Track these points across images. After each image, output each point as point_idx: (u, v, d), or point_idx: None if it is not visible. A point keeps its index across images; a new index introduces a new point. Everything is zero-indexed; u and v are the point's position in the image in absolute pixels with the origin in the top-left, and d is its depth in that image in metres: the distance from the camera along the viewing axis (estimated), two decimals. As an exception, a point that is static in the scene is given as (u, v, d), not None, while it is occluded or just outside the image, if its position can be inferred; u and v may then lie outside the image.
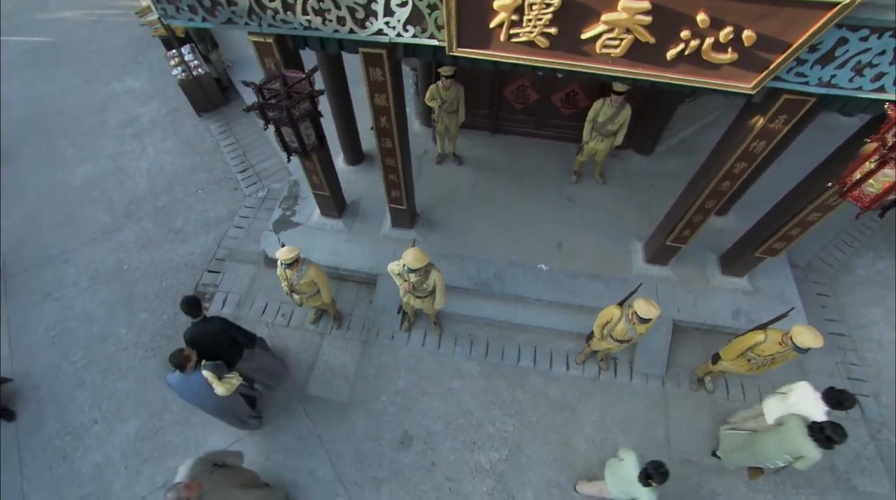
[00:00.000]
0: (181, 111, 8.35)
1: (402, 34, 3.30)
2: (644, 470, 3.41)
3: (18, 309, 6.11)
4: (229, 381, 4.13)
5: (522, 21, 2.86)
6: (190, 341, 4.29)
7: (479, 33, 3.07)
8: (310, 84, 3.29)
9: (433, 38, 3.26)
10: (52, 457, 5.09)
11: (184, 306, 4.17)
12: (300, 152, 3.56)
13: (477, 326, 5.75)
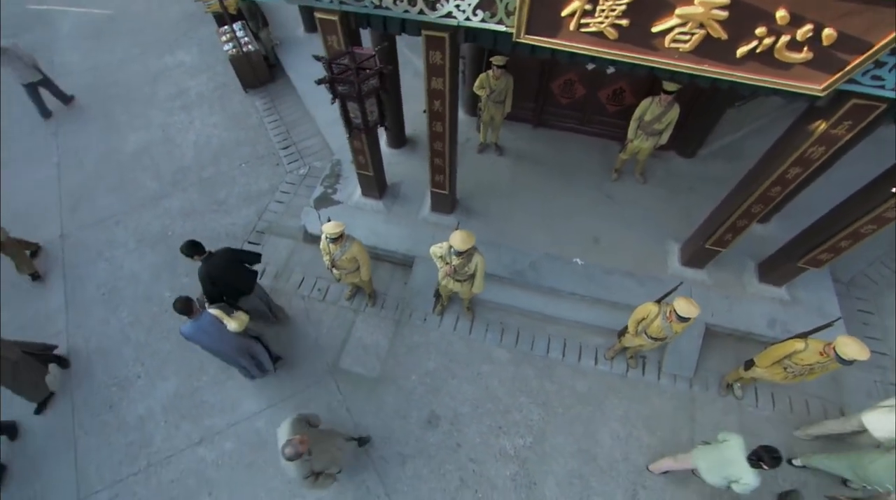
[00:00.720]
0: (228, 87, 8.56)
1: (470, 18, 3.36)
2: (755, 452, 3.45)
3: (73, 266, 6.41)
4: (238, 317, 4.40)
5: (595, 11, 2.89)
6: (206, 276, 4.56)
7: (549, 21, 3.11)
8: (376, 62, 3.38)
9: (501, 23, 3.31)
10: (100, 405, 5.37)
11: (186, 250, 4.49)
12: (362, 128, 3.66)
13: (509, 314, 5.82)
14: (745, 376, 4.79)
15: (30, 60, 7.40)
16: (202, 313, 4.30)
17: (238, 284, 4.88)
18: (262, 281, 6.08)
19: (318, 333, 5.68)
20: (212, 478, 4.92)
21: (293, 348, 5.60)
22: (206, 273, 4.58)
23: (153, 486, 4.92)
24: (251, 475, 4.92)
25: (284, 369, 5.46)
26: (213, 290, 4.69)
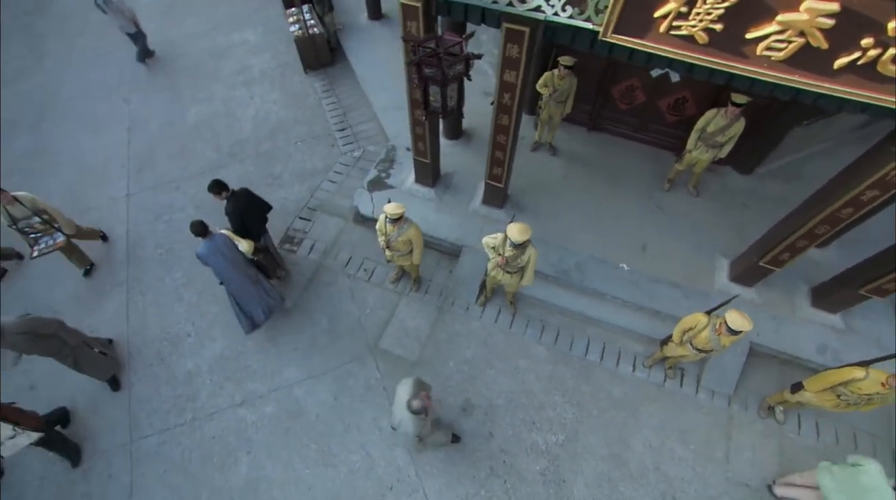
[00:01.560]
0: (289, 66, 8.81)
1: (559, 14, 3.41)
2: None
3: (136, 223, 6.74)
4: (249, 241, 4.94)
5: (690, 13, 2.90)
6: (235, 211, 5.11)
7: (639, 21, 3.13)
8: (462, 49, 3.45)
9: (588, 21, 3.35)
10: (152, 356, 5.63)
11: (212, 187, 4.98)
12: (440, 112, 3.75)
13: (550, 312, 5.84)
14: (791, 399, 4.70)
15: (129, 14, 8.21)
16: (215, 234, 4.80)
17: (258, 221, 5.44)
18: (310, 256, 6.29)
19: (362, 312, 5.82)
20: (251, 439, 5.11)
21: (338, 324, 5.74)
22: (233, 209, 5.10)
23: (196, 438, 5.14)
24: (288, 440, 5.09)
25: (326, 340, 5.61)
26: (243, 225, 5.20)
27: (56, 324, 4.65)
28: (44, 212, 5.36)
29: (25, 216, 5.27)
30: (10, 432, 4.04)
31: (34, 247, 5.53)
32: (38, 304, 6.06)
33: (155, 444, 5.15)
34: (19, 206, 5.15)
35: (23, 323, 4.33)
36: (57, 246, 5.59)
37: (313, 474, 4.89)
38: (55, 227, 5.51)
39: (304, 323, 5.77)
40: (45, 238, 5.56)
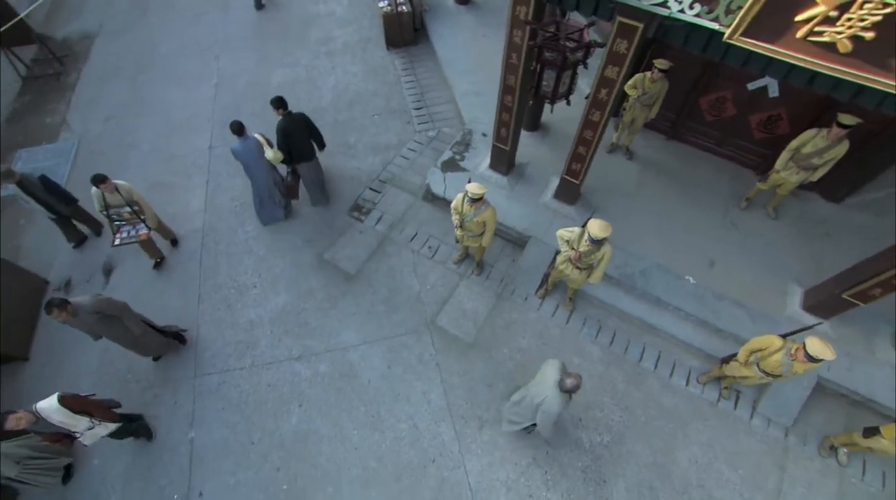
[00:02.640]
0: (372, 41, 8.96)
1: (684, 11, 3.35)
2: None
3: (216, 174, 7.06)
4: (276, 152, 5.63)
5: (839, 19, 2.80)
6: (283, 129, 5.54)
7: (774, 25, 3.04)
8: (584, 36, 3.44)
9: (715, 21, 3.27)
10: (219, 301, 5.91)
11: (274, 102, 5.44)
12: (550, 97, 3.76)
13: (608, 314, 5.79)
14: (861, 443, 4.50)
15: None
16: (250, 136, 5.60)
17: (304, 148, 5.93)
18: (377, 227, 6.42)
19: (422, 287, 5.91)
20: (304, 392, 5.30)
21: (398, 296, 5.87)
22: (283, 127, 5.57)
23: (253, 384, 5.37)
24: (339, 399, 5.25)
25: (384, 309, 5.74)
26: (285, 143, 5.69)
27: (121, 306, 4.71)
28: (135, 203, 5.48)
29: (119, 204, 5.39)
30: (88, 423, 4.19)
31: (116, 235, 5.65)
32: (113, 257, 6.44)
33: (216, 382, 5.41)
34: (117, 194, 5.27)
35: (95, 302, 4.42)
36: (139, 238, 5.69)
37: (360, 435, 5.03)
38: (141, 218, 5.59)
39: (364, 290, 5.92)
40: (127, 227, 5.68)
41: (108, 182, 5.11)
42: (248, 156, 5.71)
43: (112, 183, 5.16)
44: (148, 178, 7.24)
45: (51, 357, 5.69)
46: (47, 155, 7.69)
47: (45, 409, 3.89)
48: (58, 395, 3.97)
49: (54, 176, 7.22)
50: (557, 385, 3.80)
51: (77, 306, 4.24)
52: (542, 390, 3.94)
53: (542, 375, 4.05)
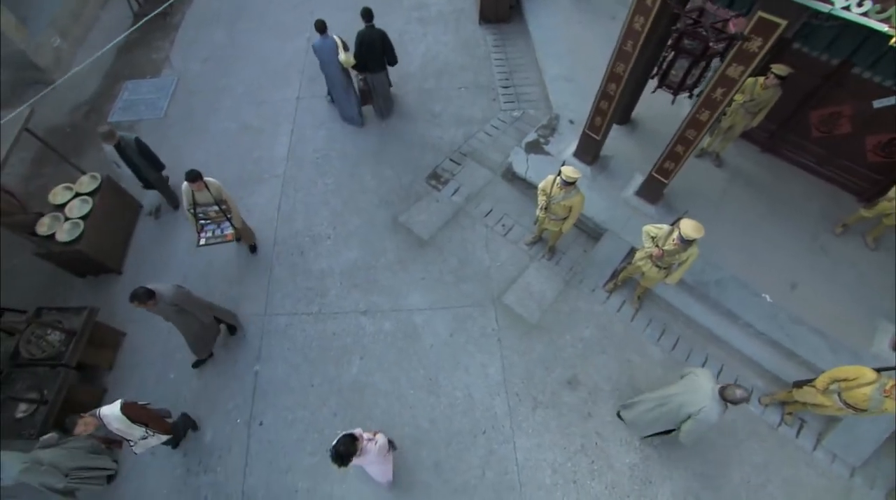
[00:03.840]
0: (465, 14, 8.89)
1: (850, 8, 3.16)
2: None
3: (301, 126, 7.30)
4: (349, 56, 6.14)
5: None
6: (360, 38, 6.17)
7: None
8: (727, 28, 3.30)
9: (886, 22, 3.07)
10: (294, 247, 6.14)
11: (363, 13, 5.97)
12: (674, 88, 3.65)
13: (675, 318, 5.68)
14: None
15: None
16: (330, 36, 6.08)
17: (374, 61, 6.41)
18: (453, 198, 6.47)
19: (493, 263, 5.95)
20: (366, 346, 5.47)
21: (467, 268, 5.93)
22: (361, 36, 6.18)
23: (318, 330, 5.59)
24: (398, 358, 5.40)
25: (453, 279, 5.82)
26: (359, 51, 6.27)
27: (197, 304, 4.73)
28: (223, 202, 5.24)
29: (207, 203, 5.17)
30: (142, 433, 4.16)
31: (201, 234, 5.41)
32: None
33: (283, 323, 5.66)
34: (206, 192, 5.05)
35: (177, 294, 4.43)
36: (226, 238, 5.44)
37: (416, 396, 5.17)
38: (227, 217, 5.35)
39: (435, 258, 6.01)
40: (211, 226, 5.44)
41: (199, 181, 4.89)
42: (325, 53, 6.25)
43: (203, 182, 4.92)
44: (238, 120, 7.53)
45: (139, 275, 6.07)
46: (150, 88, 8.08)
47: (107, 416, 3.90)
48: (120, 403, 3.97)
49: (154, 109, 7.67)
50: (719, 396, 3.71)
51: (159, 296, 4.26)
52: (698, 400, 3.85)
53: (693, 384, 3.97)
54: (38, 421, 4.60)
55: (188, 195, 5.10)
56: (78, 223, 5.67)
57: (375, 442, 3.62)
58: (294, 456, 4.94)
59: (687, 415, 3.98)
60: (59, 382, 4.80)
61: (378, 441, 3.64)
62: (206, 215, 5.35)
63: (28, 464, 3.76)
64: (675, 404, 4.10)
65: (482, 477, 4.80)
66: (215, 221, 5.43)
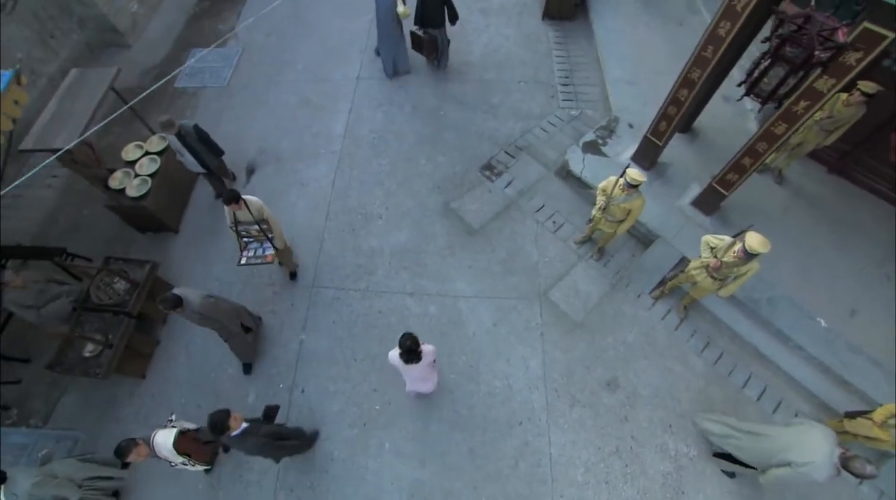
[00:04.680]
0: (527, 8, 8.84)
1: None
2: None
3: (358, 107, 7.43)
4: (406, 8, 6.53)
5: None
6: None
7: None
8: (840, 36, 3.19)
9: None
10: (345, 223, 6.27)
11: None
12: (763, 97, 3.59)
13: (720, 332, 5.60)
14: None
15: None
16: None
17: (435, 16, 6.82)
18: (506, 190, 6.50)
19: (541, 258, 5.96)
20: (410, 327, 5.55)
21: (515, 261, 5.95)
22: None
23: (365, 307, 5.70)
24: (442, 342, 5.46)
25: (500, 270, 5.85)
26: (421, 5, 6.68)
27: (224, 314, 4.69)
28: (265, 221, 4.99)
29: (248, 221, 4.93)
30: (183, 461, 4.07)
31: (243, 252, 5.26)
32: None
33: (331, 296, 5.79)
34: (246, 211, 4.78)
35: (203, 304, 4.37)
36: (265, 259, 5.24)
37: (456, 381, 5.24)
38: (269, 237, 5.12)
39: (484, 247, 6.05)
40: (254, 245, 5.27)
41: (238, 202, 4.65)
42: (383, 6, 6.67)
43: (242, 202, 4.68)
44: (298, 94, 7.68)
45: (194, 238, 6.31)
46: (215, 57, 8.29)
47: (159, 445, 3.84)
48: (175, 435, 3.90)
49: (217, 78, 7.89)
50: (839, 461, 3.52)
51: (186, 304, 4.20)
52: (808, 454, 3.67)
53: (806, 436, 3.78)
54: (103, 363, 4.84)
55: (229, 214, 4.89)
56: (146, 180, 5.90)
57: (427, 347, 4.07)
58: (333, 426, 5.07)
59: (785, 462, 3.81)
60: (122, 328, 5.03)
61: (429, 346, 4.11)
62: (249, 234, 5.15)
63: (40, 478, 3.76)
64: (773, 447, 3.94)
65: (515, 467, 4.85)
66: (258, 239, 5.23)
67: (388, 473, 4.83)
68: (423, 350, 3.93)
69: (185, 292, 4.31)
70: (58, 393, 5.42)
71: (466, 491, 4.74)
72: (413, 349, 3.83)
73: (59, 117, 5.21)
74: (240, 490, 4.86)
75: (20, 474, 3.72)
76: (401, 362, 3.95)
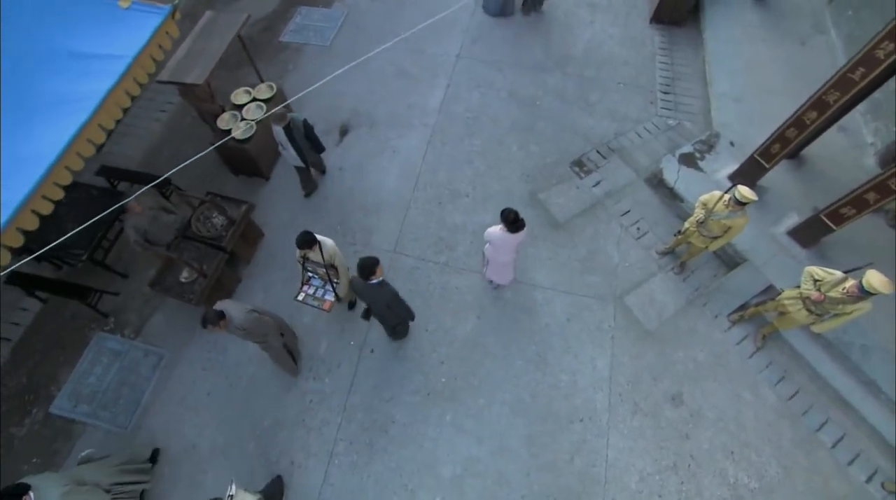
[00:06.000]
0: (636, 9, 8.64)
1: None
2: None
3: (456, 83, 7.51)
4: None
5: None
6: None
7: None
8: None
9: None
10: (432, 196, 6.41)
11: None
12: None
13: (799, 368, 5.42)
14: None
15: None
16: None
17: None
18: (593, 189, 6.44)
19: (621, 262, 5.90)
20: (485, 307, 5.63)
21: (595, 260, 5.92)
22: None
23: (443, 281, 5.80)
24: (514, 328, 5.52)
25: (579, 267, 5.83)
26: None
27: (268, 329, 4.59)
28: (333, 267, 4.78)
29: (317, 262, 4.75)
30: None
31: (303, 287, 5.04)
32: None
33: (410, 265, 5.91)
34: (318, 252, 4.58)
35: (246, 320, 4.23)
36: (322, 306, 4.99)
37: (523, 368, 5.29)
38: (334, 282, 4.90)
39: (566, 242, 6.03)
40: (317, 282, 5.06)
41: (312, 247, 4.50)
42: None
43: (317, 246, 4.52)
44: (397, 63, 7.79)
45: (281, 187, 6.57)
46: (320, 17, 8.48)
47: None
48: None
49: (321, 37, 8.08)
50: None
51: (229, 319, 4.09)
52: None
53: None
54: (196, 290, 5.12)
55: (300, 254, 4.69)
56: (251, 125, 6.13)
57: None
58: (397, 389, 5.21)
59: None
60: (216, 261, 5.30)
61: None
62: (316, 273, 4.98)
63: (69, 486, 3.67)
64: None
65: (570, 462, 4.88)
66: (322, 278, 5.02)
67: (446, 445, 4.95)
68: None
69: (228, 306, 4.17)
70: (149, 311, 5.77)
71: (519, 476, 4.81)
72: (519, 219, 4.41)
73: (192, 55, 5.46)
74: (302, 434, 5.07)
75: (47, 483, 3.59)
76: (501, 235, 4.53)
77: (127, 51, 4.14)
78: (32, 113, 3.80)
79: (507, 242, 4.66)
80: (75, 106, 3.89)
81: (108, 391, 5.27)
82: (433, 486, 4.77)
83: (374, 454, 4.93)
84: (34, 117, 3.79)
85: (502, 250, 4.82)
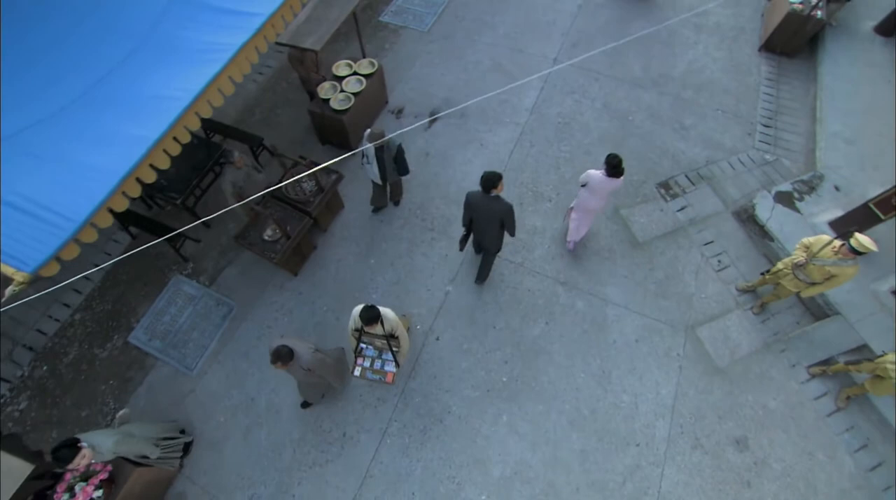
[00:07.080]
0: (744, 34, 8.32)
1: None
2: None
3: (550, 86, 7.43)
4: None
5: None
6: None
7: None
8: None
9: None
10: (514, 195, 6.37)
11: None
12: None
13: (885, 439, 5.02)
14: None
15: None
16: None
17: None
18: (678, 214, 6.25)
19: (698, 292, 5.72)
20: (555, 314, 5.56)
21: (671, 286, 5.76)
22: None
23: (516, 281, 5.77)
24: (581, 340, 5.42)
25: (654, 290, 5.69)
26: None
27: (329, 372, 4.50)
28: (394, 337, 4.38)
29: (375, 334, 4.28)
30: None
31: (358, 360, 4.53)
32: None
33: (484, 261, 5.88)
34: (379, 326, 4.09)
35: (311, 360, 4.11)
36: (385, 379, 4.50)
37: (586, 382, 5.20)
38: (393, 351, 4.43)
39: (644, 263, 5.89)
40: (371, 353, 4.57)
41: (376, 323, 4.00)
42: None
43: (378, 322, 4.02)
44: (493, 58, 7.76)
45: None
46: (421, 2, 8.55)
47: None
48: None
49: (420, 22, 8.16)
50: None
51: (296, 357, 4.00)
52: None
53: None
54: (279, 250, 5.24)
55: (354, 320, 4.19)
56: (349, 97, 6.23)
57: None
58: (457, 381, 5.21)
59: None
60: (301, 225, 5.41)
61: None
62: (373, 345, 4.51)
63: (120, 436, 3.82)
64: None
65: (621, 485, 4.77)
66: (378, 349, 4.56)
67: (499, 445, 4.92)
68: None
69: (297, 345, 4.06)
70: (224, 263, 5.96)
71: (568, 490, 4.74)
72: (621, 165, 4.73)
73: (311, 21, 5.58)
74: (358, 408, 5.14)
75: (99, 436, 3.73)
76: (600, 177, 4.84)
77: (263, 9, 4.25)
78: (172, 58, 3.95)
79: (604, 186, 4.90)
80: (211, 55, 4.02)
81: (180, 332, 5.47)
82: (481, 483, 4.75)
83: (427, 440, 4.95)
84: (173, 62, 3.94)
85: (597, 194, 5.03)
